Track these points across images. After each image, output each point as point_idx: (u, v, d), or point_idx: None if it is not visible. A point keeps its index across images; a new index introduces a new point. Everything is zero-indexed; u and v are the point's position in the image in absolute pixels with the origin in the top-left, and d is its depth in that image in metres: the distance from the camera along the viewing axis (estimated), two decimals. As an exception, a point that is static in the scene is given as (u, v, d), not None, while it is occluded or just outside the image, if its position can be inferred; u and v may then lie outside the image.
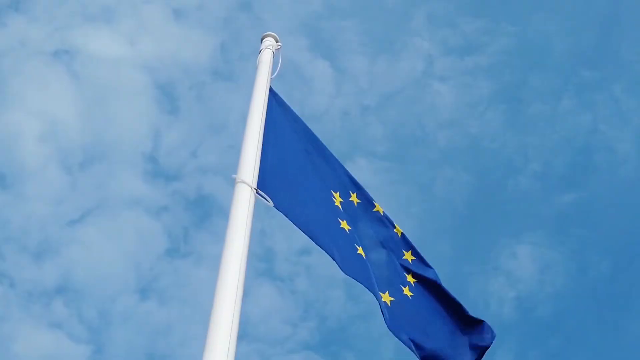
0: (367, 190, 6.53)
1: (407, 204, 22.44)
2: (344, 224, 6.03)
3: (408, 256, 6.52)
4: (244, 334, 21.10)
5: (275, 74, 6.37)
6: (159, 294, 20.41)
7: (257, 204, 5.31)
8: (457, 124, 22.82)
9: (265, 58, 6.35)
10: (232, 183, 5.30)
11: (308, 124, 6.44)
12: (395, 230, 6.54)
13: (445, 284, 6.49)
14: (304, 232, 5.71)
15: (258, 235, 21.94)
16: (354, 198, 6.39)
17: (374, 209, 6.54)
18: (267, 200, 5.42)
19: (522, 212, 22.43)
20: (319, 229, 5.81)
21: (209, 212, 21.53)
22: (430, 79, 22.91)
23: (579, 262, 21.72)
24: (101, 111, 21.23)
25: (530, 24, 23.14)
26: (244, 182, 5.18)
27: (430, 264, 6.49)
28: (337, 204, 6.15)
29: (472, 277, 21.82)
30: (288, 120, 6.30)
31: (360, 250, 5.99)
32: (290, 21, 22.49)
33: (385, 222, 6.52)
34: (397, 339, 6.02)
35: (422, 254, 6.55)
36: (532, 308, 21.43)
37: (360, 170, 21.92)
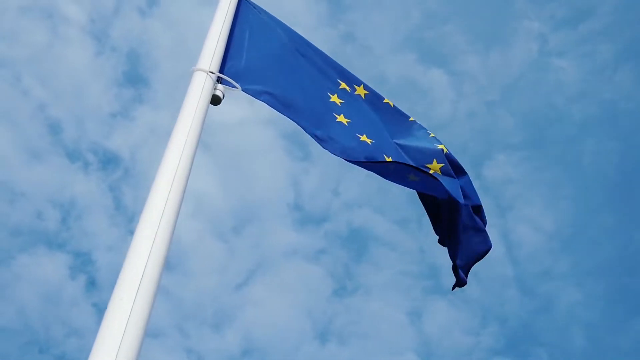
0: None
1: (557, 187, 20.98)
2: (341, 118, 5.32)
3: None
4: (428, 355, 20.21)
5: None
6: (338, 335, 19.81)
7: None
8: (588, 94, 21.26)
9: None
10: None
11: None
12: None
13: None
14: (287, 115, 5.05)
15: (417, 254, 21.11)
16: (360, 90, 5.66)
17: (384, 101, 5.79)
18: (233, 85, 4.66)
19: (681, 164, 20.61)
20: (308, 116, 5.12)
21: (365, 244, 20.87)
22: (548, 57, 21.52)
23: None
24: (239, 174, 21.09)
25: (636, -27, 21.56)
26: (200, 69, 4.25)
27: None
28: (334, 99, 5.45)
29: (647, 243, 20.10)
30: (270, 25, 5.64)
31: (364, 138, 5.25)
32: (395, 39, 21.76)
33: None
34: None
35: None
36: None
37: (500, 166, 20.72)
